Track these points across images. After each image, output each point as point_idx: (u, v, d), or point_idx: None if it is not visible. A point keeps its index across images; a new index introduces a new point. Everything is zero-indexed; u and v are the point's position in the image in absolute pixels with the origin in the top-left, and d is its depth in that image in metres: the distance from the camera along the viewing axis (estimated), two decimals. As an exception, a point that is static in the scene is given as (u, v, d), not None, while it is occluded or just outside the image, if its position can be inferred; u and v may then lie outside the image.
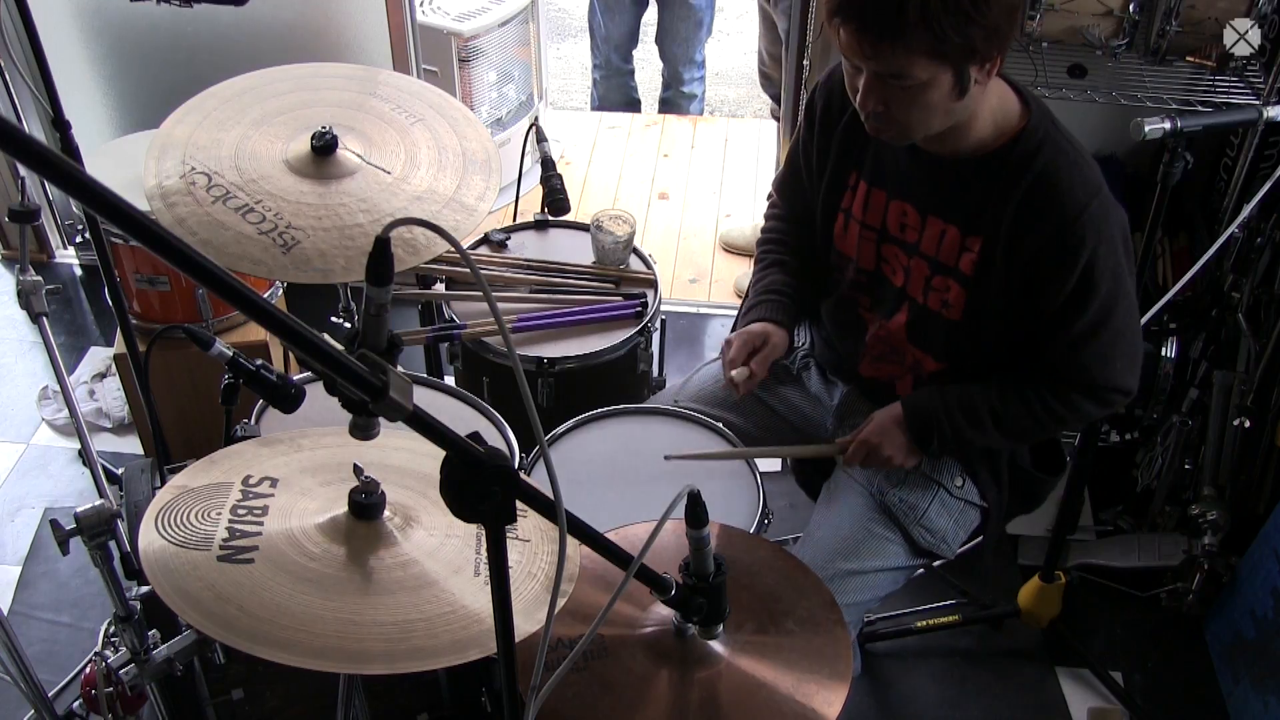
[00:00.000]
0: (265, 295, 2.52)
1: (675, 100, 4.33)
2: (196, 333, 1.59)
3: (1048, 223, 1.52)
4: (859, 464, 1.75)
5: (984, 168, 1.56)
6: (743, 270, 3.49)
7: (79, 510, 1.40)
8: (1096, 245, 1.51)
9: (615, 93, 4.33)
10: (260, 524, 1.34)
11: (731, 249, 3.60)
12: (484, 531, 0.97)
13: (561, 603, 1.30)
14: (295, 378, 1.74)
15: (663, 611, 1.37)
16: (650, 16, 4.14)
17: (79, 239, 3.40)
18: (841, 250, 1.79)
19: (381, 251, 0.92)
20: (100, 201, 0.70)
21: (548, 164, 2.31)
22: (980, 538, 1.87)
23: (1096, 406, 1.66)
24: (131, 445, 2.83)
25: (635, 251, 2.36)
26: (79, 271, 3.42)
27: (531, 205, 2.56)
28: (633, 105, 4.39)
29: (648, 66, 4.55)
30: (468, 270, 2.04)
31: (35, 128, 2.81)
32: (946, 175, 1.59)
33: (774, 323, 1.80)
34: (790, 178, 1.88)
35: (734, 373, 1.75)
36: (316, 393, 1.63)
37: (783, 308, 1.82)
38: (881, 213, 1.70)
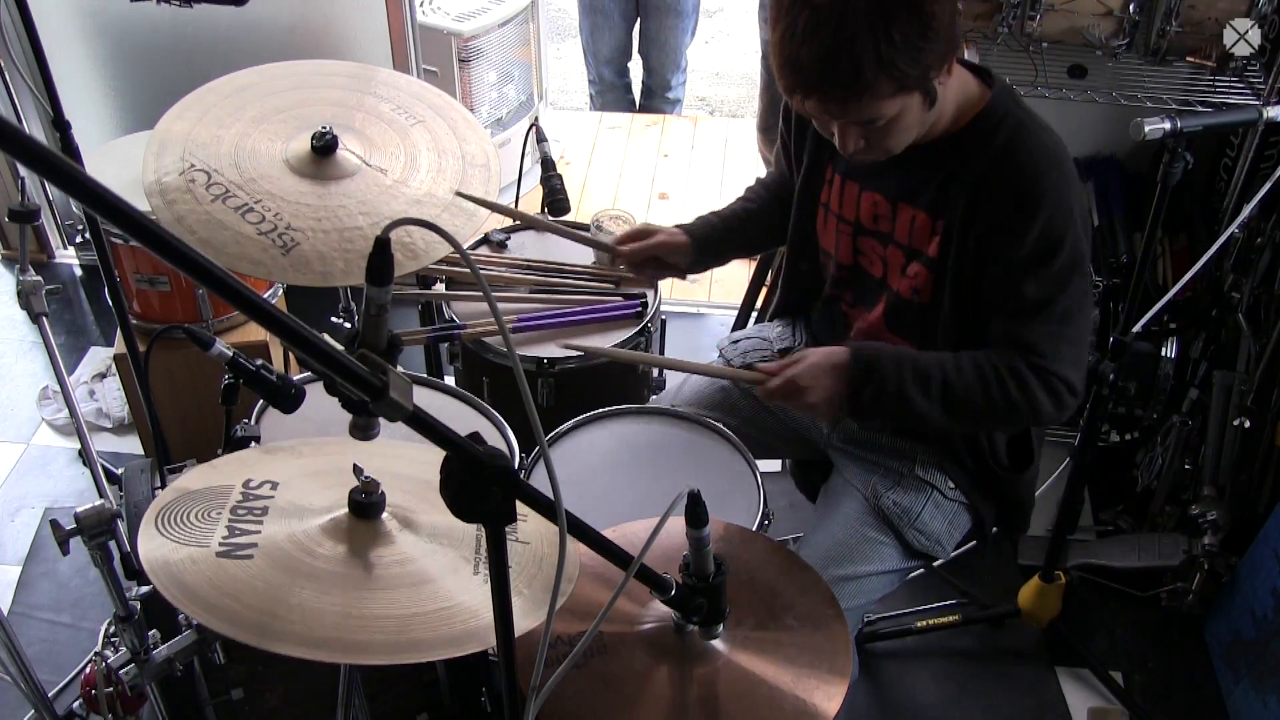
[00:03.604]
0: (265, 295, 2.52)
1: (658, 107, 4.32)
2: (196, 333, 1.59)
3: (1004, 188, 1.52)
4: (776, 401, 1.65)
5: (948, 150, 1.57)
6: (746, 272, 3.49)
7: (79, 510, 1.40)
8: (1053, 212, 1.51)
9: (613, 106, 4.34)
10: (260, 523, 1.34)
11: None
12: (484, 531, 0.97)
13: (561, 602, 1.30)
14: (295, 378, 1.74)
15: (662, 607, 1.37)
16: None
17: (79, 239, 3.40)
18: (824, 246, 1.81)
19: (381, 251, 0.92)
20: (100, 201, 0.70)
21: (548, 164, 2.31)
22: (974, 541, 1.87)
23: (1047, 395, 1.57)
24: (131, 445, 2.83)
25: (635, 251, 2.36)
26: (79, 271, 3.42)
27: (531, 205, 2.56)
28: (633, 110, 4.39)
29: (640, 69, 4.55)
30: (468, 270, 2.04)
31: (35, 128, 2.81)
32: (912, 162, 1.59)
33: (685, 230, 1.94)
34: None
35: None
36: (317, 393, 1.63)
37: (707, 228, 1.95)
38: (855, 205, 1.71)
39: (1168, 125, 1.77)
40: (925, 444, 1.80)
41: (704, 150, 4.18)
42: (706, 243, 1.92)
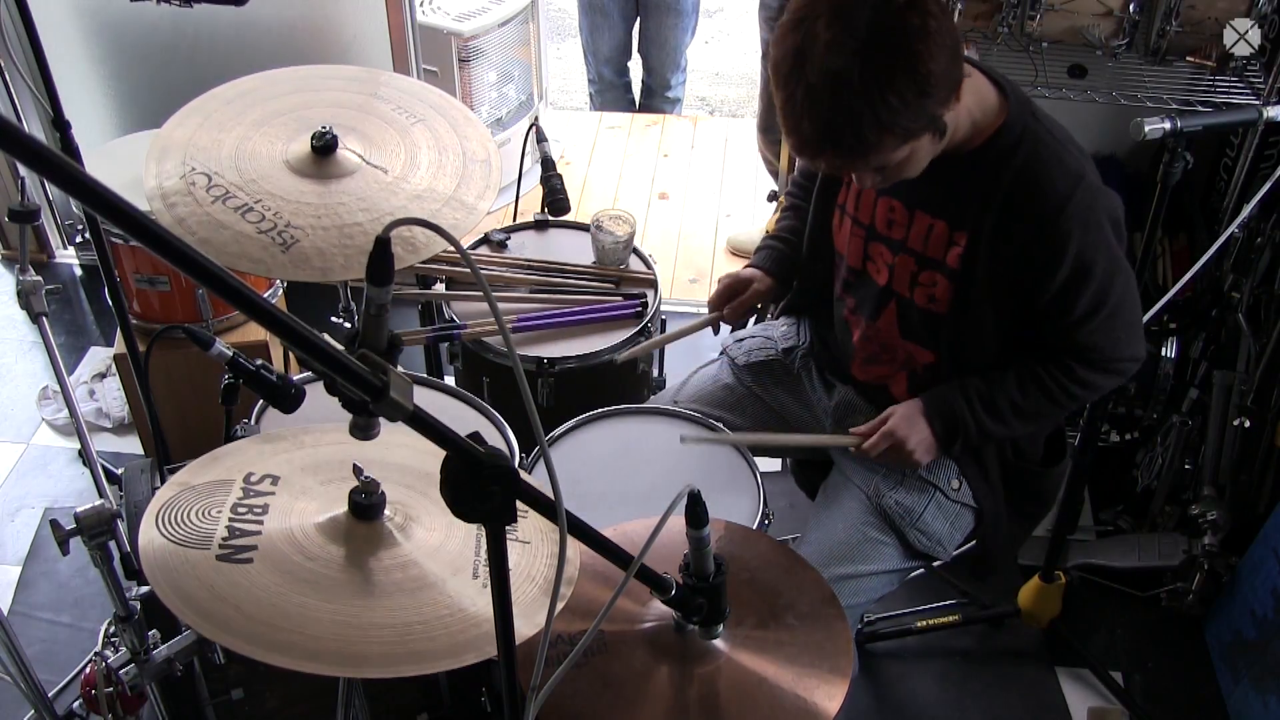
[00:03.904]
0: (265, 295, 2.52)
1: (658, 106, 4.32)
2: (196, 333, 1.59)
3: (1031, 219, 1.53)
4: (875, 457, 1.71)
5: (967, 164, 1.57)
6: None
7: (79, 510, 1.40)
8: (1083, 235, 1.52)
9: (613, 105, 4.34)
10: (260, 523, 1.34)
11: (739, 253, 3.59)
12: (484, 532, 0.97)
13: (561, 604, 1.30)
14: (295, 378, 1.74)
15: (663, 606, 1.37)
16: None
17: (79, 239, 3.40)
18: (837, 248, 1.81)
19: (382, 251, 0.92)
20: (100, 201, 0.70)
21: (548, 164, 2.31)
22: (975, 540, 1.87)
23: (1111, 378, 1.67)
24: (131, 445, 2.83)
25: (635, 251, 2.36)
26: (79, 271, 3.42)
27: (531, 205, 2.56)
28: (633, 109, 4.39)
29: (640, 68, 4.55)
30: (468, 270, 2.05)
31: (35, 128, 2.81)
32: (932, 171, 1.59)
33: (764, 270, 1.92)
34: None
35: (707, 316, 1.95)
36: (317, 392, 1.63)
37: (778, 256, 1.93)
38: (871, 209, 1.71)
39: (1168, 125, 1.77)
40: None
41: (704, 150, 4.18)
42: (784, 271, 1.94)
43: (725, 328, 2.01)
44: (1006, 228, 1.55)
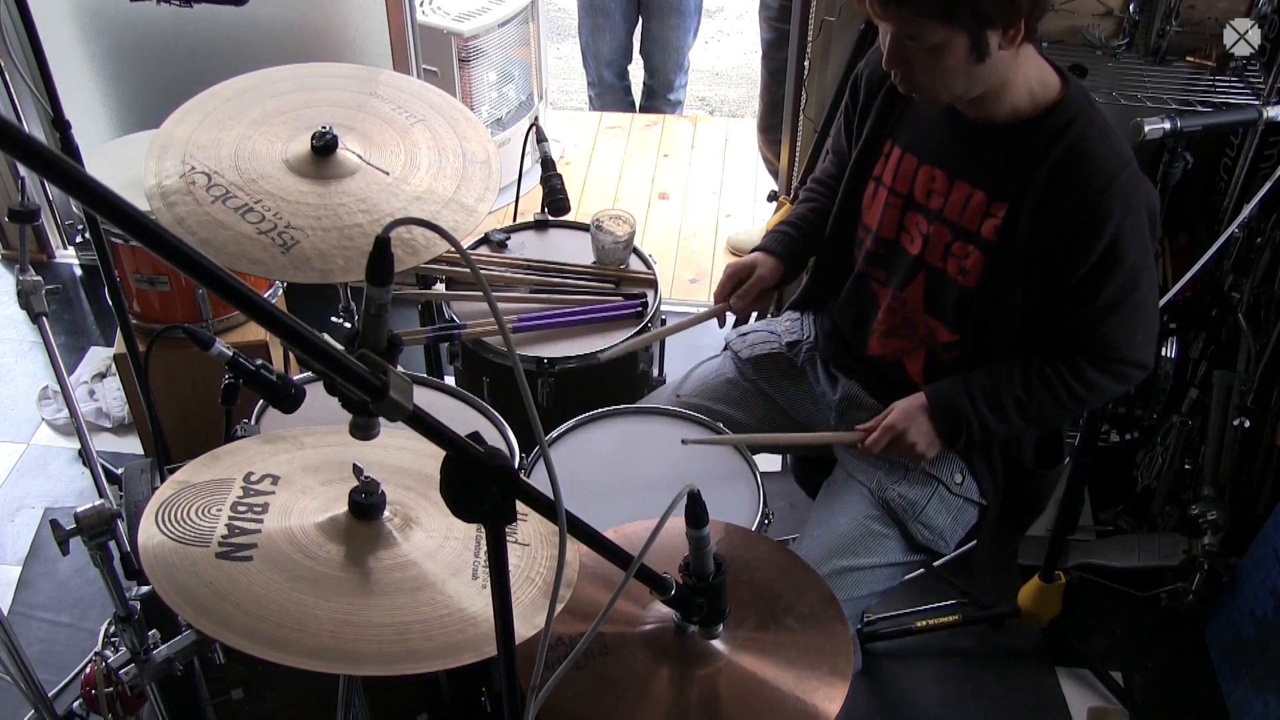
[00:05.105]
0: (265, 295, 2.52)
1: (659, 108, 4.32)
2: (196, 333, 1.59)
3: (1075, 193, 1.54)
4: (879, 453, 1.72)
5: (1017, 135, 1.58)
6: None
7: (79, 510, 1.40)
8: (1124, 217, 1.53)
9: (613, 109, 4.34)
10: (260, 521, 1.34)
11: (739, 253, 3.59)
12: (483, 533, 0.97)
13: (561, 605, 1.30)
14: (295, 378, 1.74)
15: (663, 609, 1.37)
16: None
17: (79, 239, 3.40)
18: (865, 221, 1.81)
19: (381, 251, 0.92)
20: (100, 201, 0.70)
21: (548, 164, 2.31)
22: (979, 535, 1.87)
23: (1117, 383, 1.66)
24: (131, 445, 2.83)
25: (635, 251, 2.36)
26: (79, 271, 3.42)
27: (531, 205, 2.56)
28: (633, 112, 4.39)
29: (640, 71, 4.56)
30: (468, 270, 2.04)
31: (35, 128, 2.81)
32: (979, 140, 1.60)
33: (768, 253, 1.93)
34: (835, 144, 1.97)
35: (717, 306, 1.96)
36: (317, 392, 1.63)
37: (786, 240, 1.94)
38: (910, 178, 1.72)
39: (1168, 125, 1.77)
40: None
41: (704, 150, 4.18)
42: (791, 255, 1.94)
43: (729, 320, 2.01)
44: (1049, 199, 1.56)
